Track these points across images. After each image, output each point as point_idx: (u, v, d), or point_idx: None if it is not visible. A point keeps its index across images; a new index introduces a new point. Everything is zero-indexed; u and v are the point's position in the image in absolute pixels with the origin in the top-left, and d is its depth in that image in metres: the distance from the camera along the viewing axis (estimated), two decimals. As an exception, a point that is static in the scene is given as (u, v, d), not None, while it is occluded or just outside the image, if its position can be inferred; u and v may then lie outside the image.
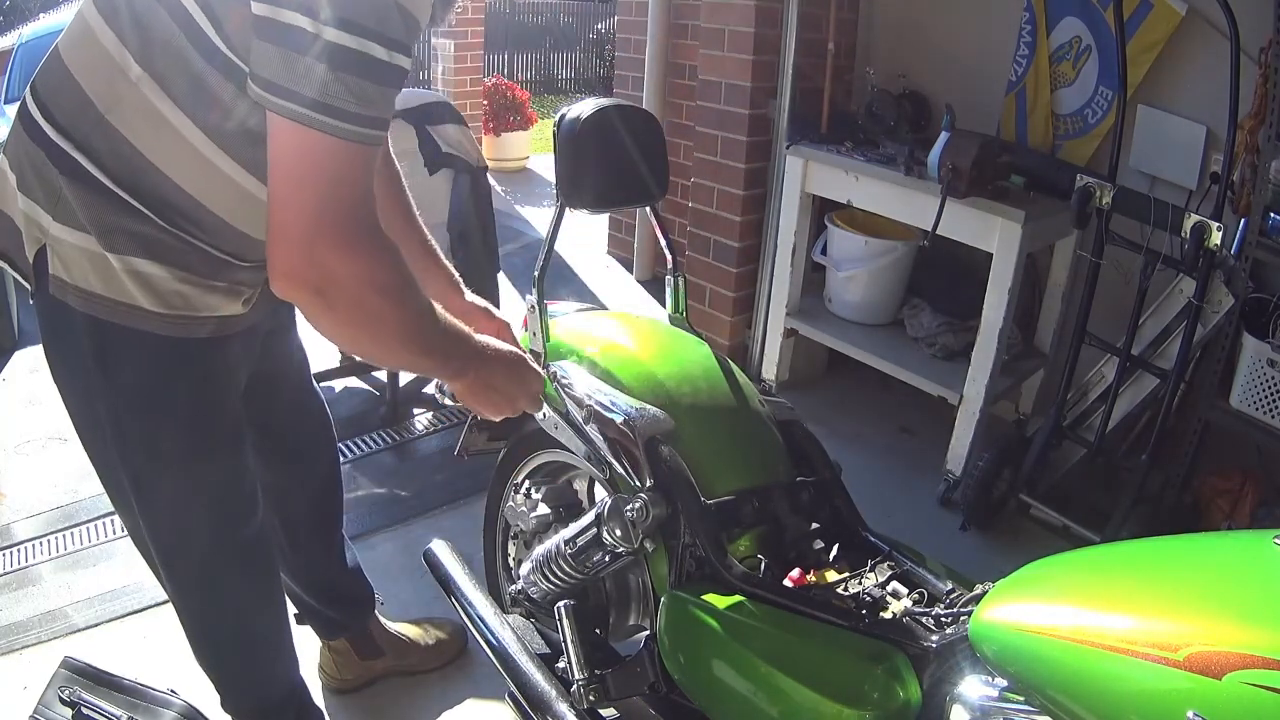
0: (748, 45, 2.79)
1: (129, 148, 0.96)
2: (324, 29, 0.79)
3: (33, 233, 1.01)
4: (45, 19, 4.95)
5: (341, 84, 0.81)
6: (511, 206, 5.39)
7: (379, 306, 0.89)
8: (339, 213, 0.85)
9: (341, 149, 0.83)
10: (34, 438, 2.56)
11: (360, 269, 0.87)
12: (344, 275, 0.86)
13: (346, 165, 0.84)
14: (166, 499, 1.17)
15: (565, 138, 1.29)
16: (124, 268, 1.00)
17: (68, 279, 1.01)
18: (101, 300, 1.01)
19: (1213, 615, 0.69)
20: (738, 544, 1.20)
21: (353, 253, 0.86)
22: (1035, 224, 2.23)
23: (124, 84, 0.94)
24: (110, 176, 0.97)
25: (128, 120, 0.95)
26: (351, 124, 0.83)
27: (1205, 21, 2.19)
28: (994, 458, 2.28)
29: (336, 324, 0.90)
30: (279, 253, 0.85)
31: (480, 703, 1.72)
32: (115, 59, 0.94)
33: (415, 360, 1.01)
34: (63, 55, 0.99)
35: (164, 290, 1.02)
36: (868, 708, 0.92)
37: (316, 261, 0.84)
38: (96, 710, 1.40)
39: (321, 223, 0.84)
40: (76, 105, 0.96)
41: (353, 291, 0.87)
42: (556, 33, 11.40)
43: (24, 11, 8.89)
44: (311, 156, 0.83)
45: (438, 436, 2.72)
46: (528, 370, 1.14)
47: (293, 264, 0.85)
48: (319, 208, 0.84)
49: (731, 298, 3.08)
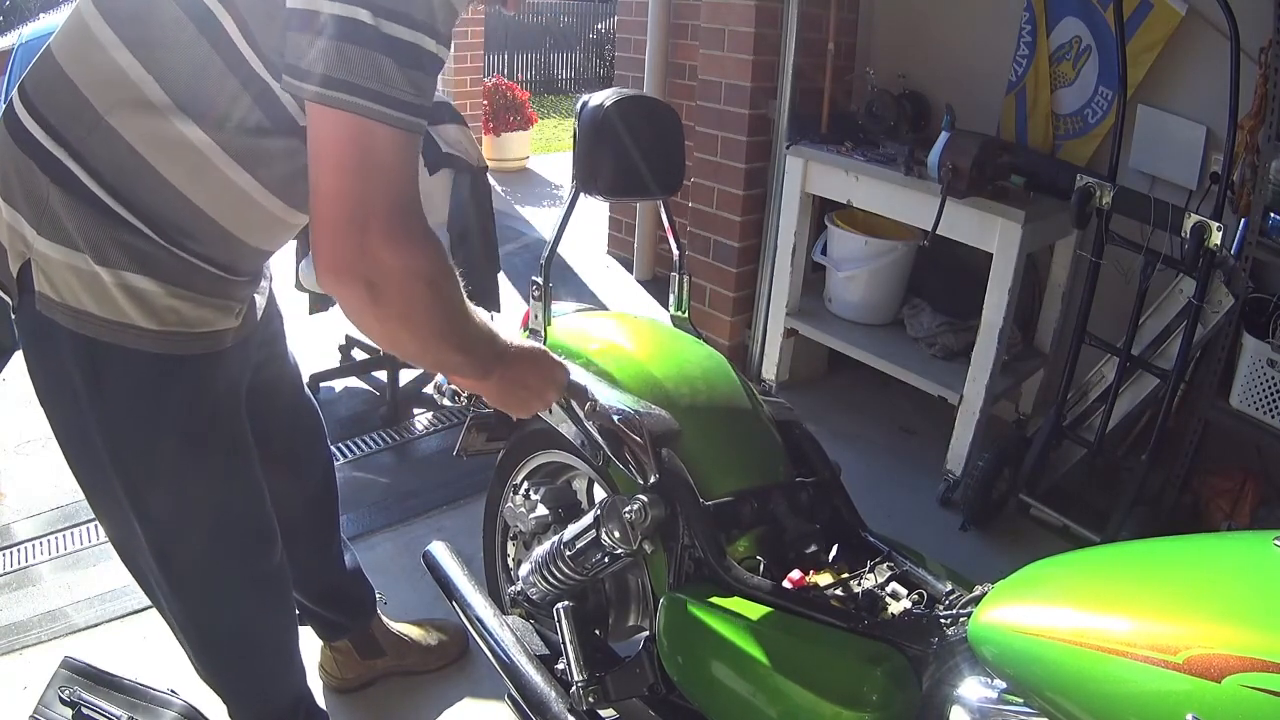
0: (748, 45, 2.79)
1: (126, 150, 0.93)
2: (382, 23, 0.80)
3: (17, 246, 0.97)
4: (45, 19, 4.94)
5: (403, 75, 0.82)
6: (511, 206, 5.39)
7: (427, 299, 0.89)
8: (391, 203, 0.84)
9: (395, 138, 0.83)
10: (34, 438, 2.56)
11: (410, 261, 0.86)
12: (395, 267, 0.85)
13: (398, 154, 0.84)
14: (169, 517, 1.14)
15: (586, 124, 1.31)
16: (116, 282, 0.96)
17: (56, 297, 0.98)
18: (92, 319, 0.98)
19: (1213, 617, 0.69)
20: (737, 545, 1.20)
21: (403, 244, 0.85)
22: (1035, 224, 2.22)
23: (124, 84, 0.92)
24: (102, 185, 0.94)
25: (127, 122, 0.93)
26: (407, 114, 0.83)
27: (1205, 21, 2.18)
28: (994, 458, 2.28)
29: (383, 318, 0.89)
30: (328, 246, 0.85)
31: (480, 703, 1.71)
32: (115, 58, 0.91)
33: (452, 357, 0.99)
34: (57, 56, 0.95)
35: (158, 306, 1.00)
36: (867, 709, 0.92)
37: (368, 253, 0.84)
38: (96, 710, 1.40)
39: (374, 214, 0.83)
40: (72, 108, 0.93)
41: (402, 283, 0.86)
42: (556, 33, 11.40)
43: (24, 11, 8.88)
44: (366, 147, 0.83)
45: (438, 436, 2.72)
46: (552, 361, 1.14)
47: (344, 256, 0.84)
48: (371, 199, 0.83)
49: (731, 298, 3.08)
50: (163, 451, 1.09)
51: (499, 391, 1.07)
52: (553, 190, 6.05)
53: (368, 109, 0.81)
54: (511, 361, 1.06)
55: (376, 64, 0.81)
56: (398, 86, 0.82)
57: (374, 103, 0.81)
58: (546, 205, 5.60)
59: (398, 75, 0.82)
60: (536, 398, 1.12)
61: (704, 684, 1.08)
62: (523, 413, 1.13)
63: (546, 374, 1.13)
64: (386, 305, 0.88)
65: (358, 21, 0.80)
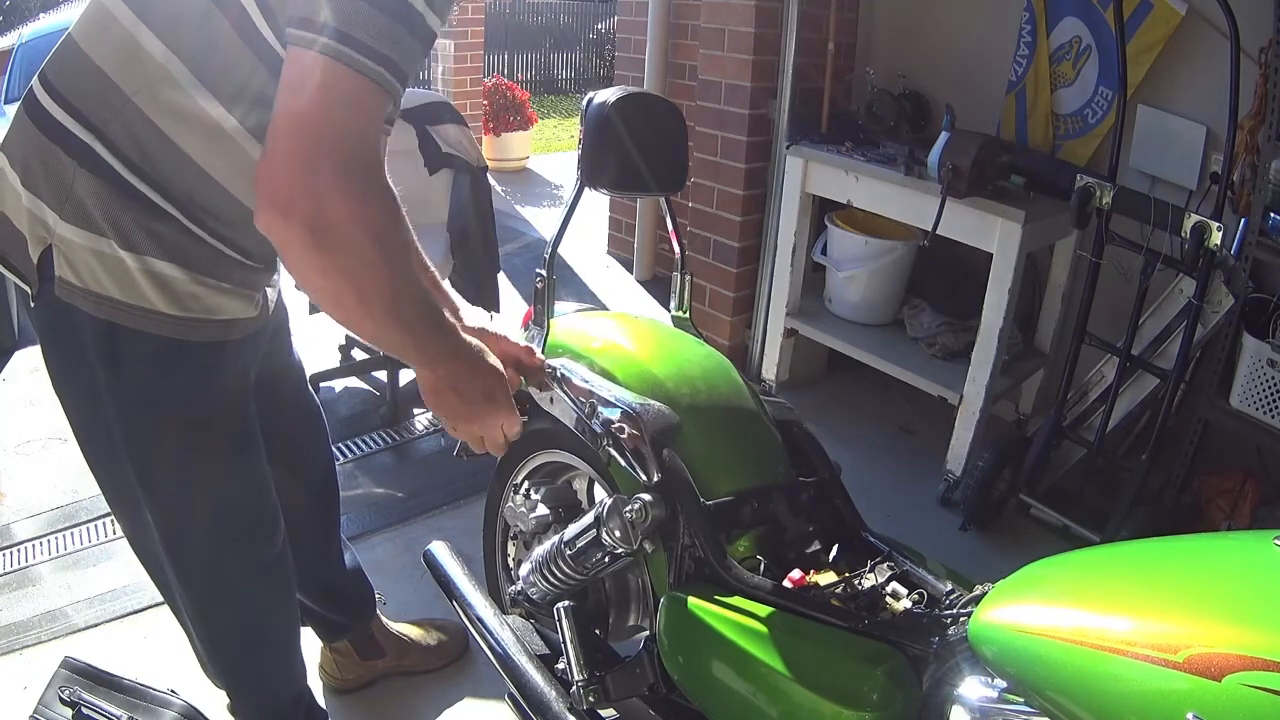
0: (748, 45, 2.79)
1: (153, 131, 0.94)
2: None
3: (37, 232, 0.98)
4: (45, 19, 4.95)
5: (369, 17, 0.80)
6: (511, 206, 5.39)
7: (371, 255, 0.84)
8: (349, 148, 0.81)
9: (363, 85, 0.81)
10: (34, 438, 2.56)
11: (359, 208, 0.82)
12: (342, 212, 0.81)
13: (364, 103, 0.82)
14: (183, 506, 1.15)
15: (592, 120, 1.32)
16: (140, 267, 0.98)
17: (76, 282, 0.99)
18: (114, 303, 0.99)
19: (1213, 616, 0.69)
20: (737, 545, 1.20)
21: (354, 188, 0.81)
22: (1035, 224, 2.22)
23: (151, 65, 0.92)
24: (129, 167, 0.95)
25: (152, 102, 0.93)
26: (368, 58, 0.81)
27: (1205, 21, 2.18)
28: (994, 458, 2.28)
29: (322, 270, 0.84)
30: (272, 177, 0.81)
31: (480, 703, 1.72)
32: (139, 40, 0.92)
33: (392, 332, 0.92)
34: (79, 42, 0.96)
35: (180, 292, 1.01)
36: (867, 709, 0.92)
37: (314, 191, 0.80)
38: (96, 710, 1.40)
39: (328, 154, 0.80)
40: (98, 91, 0.94)
41: (348, 231, 0.82)
42: (556, 33, 11.40)
43: (24, 11, 8.89)
44: (330, 86, 0.80)
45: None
46: (502, 396, 1.04)
47: (287, 191, 0.80)
48: (327, 137, 0.80)
49: (731, 298, 3.08)
50: (174, 435, 1.10)
51: (432, 389, 1.00)
52: (553, 190, 6.05)
53: (338, 51, 0.80)
54: (460, 362, 0.99)
55: (358, 10, 0.80)
56: (377, 36, 0.81)
57: (346, 46, 0.80)
58: (546, 205, 5.60)
59: (380, 25, 0.80)
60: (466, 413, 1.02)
61: (704, 683, 1.08)
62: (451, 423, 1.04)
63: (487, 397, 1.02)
64: (328, 253, 0.82)
65: None
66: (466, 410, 1.03)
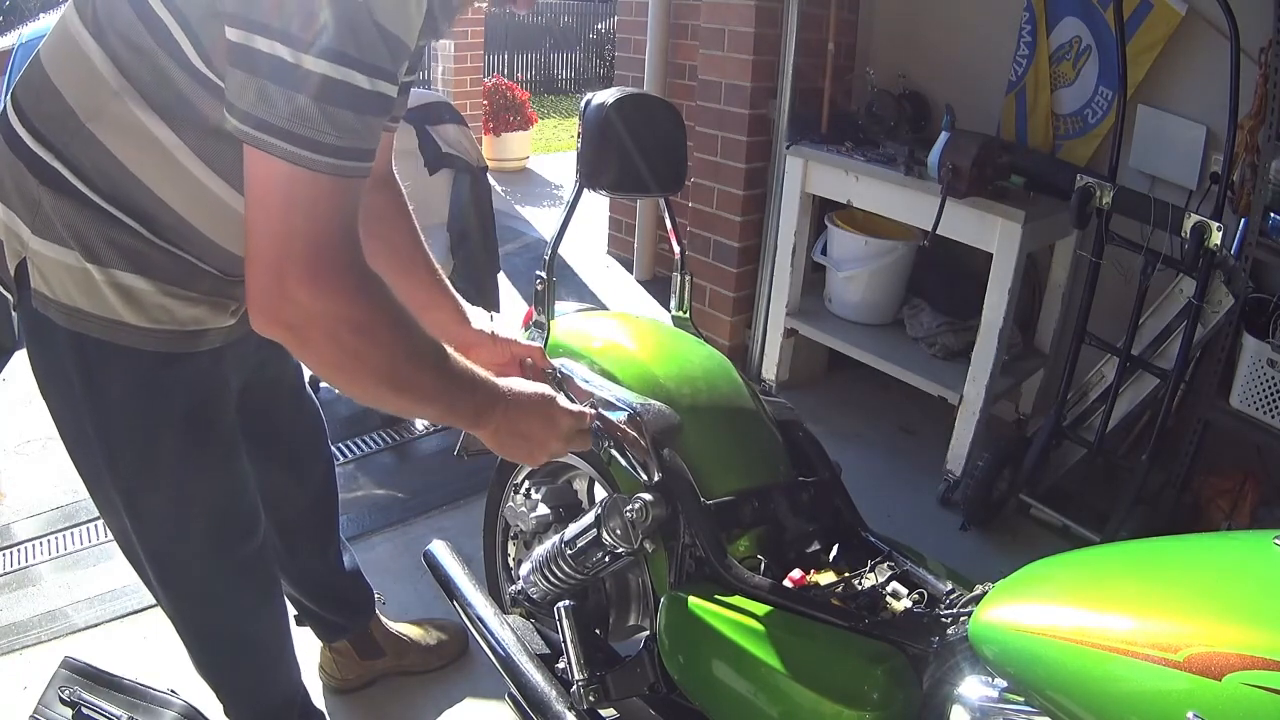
0: (748, 45, 2.79)
1: (110, 159, 0.94)
2: (303, 57, 0.76)
3: (13, 245, 0.99)
4: (45, 19, 4.94)
5: (321, 114, 0.77)
6: (511, 206, 5.39)
7: (356, 346, 0.85)
8: (310, 246, 0.81)
9: (315, 181, 0.80)
10: (34, 438, 2.56)
11: (331, 305, 0.82)
12: (316, 311, 0.82)
13: (322, 198, 0.81)
14: (160, 515, 1.15)
15: (591, 121, 1.32)
16: (107, 280, 0.97)
17: (50, 294, 0.99)
18: (85, 316, 0.99)
19: (1213, 616, 0.69)
20: (738, 544, 1.20)
21: (323, 288, 0.81)
22: (1035, 224, 2.23)
23: (105, 94, 0.92)
24: (91, 188, 0.95)
25: (109, 131, 0.93)
26: (326, 155, 0.79)
27: (1205, 21, 2.19)
28: (994, 458, 2.28)
29: (316, 363, 0.87)
30: (250, 283, 0.82)
31: (480, 703, 1.72)
32: (98, 68, 0.92)
33: (414, 406, 0.95)
34: (44, 63, 0.96)
35: (148, 304, 1.00)
36: (867, 708, 0.92)
37: (288, 296, 0.81)
38: (96, 710, 1.40)
39: (291, 257, 0.80)
40: (58, 114, 0.94)
41: (326, 328, 0.83)
42: (556, 33, 11.40)
43: (24, 11, 8.88)
44: (282, 188, 0.79)
45: (438, 436, 2.72)
46: (558, 410, 1.06)
47: (265, 298, 0.82)
48: (288, 240, 0.80)
49: (731, 298, 3.08)
50: (151, 446, 1.10)
51: (496, 440, 1.01)
52: (553, 190, 6.05)
53: (284, 150, 0.78)
54: (511, 408, 1.00)
55: (295, 104, 0.77)
56: (318, 128, 0.78)
57: (291, 144, 0.78)
58: (546, 205, 5.60)
59: (319, 116, 0.77)
60: (539, 447, 1.04)
61: (705, 683, 1.08)
62: (529, 462, 1.07)
63: (549, 423, 1.04)
64: (313, 351, 0.85)
65: (279, 59, 0.76)
66: (540, 446, 1.05)
